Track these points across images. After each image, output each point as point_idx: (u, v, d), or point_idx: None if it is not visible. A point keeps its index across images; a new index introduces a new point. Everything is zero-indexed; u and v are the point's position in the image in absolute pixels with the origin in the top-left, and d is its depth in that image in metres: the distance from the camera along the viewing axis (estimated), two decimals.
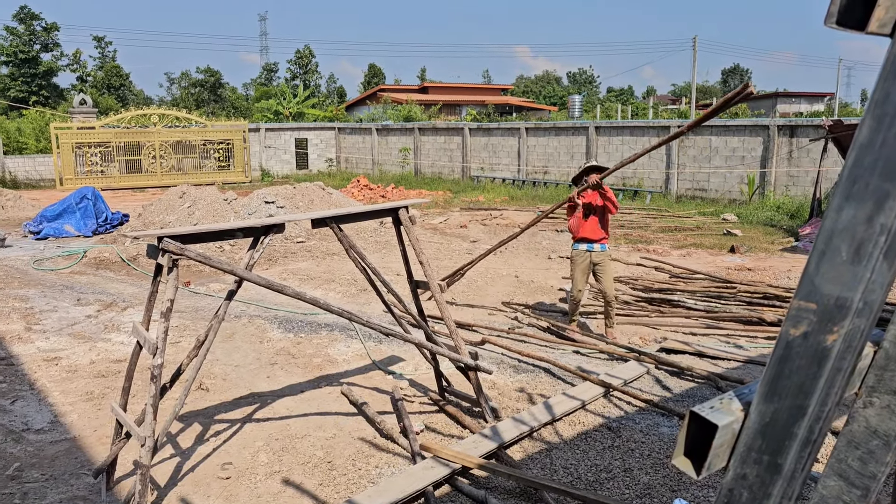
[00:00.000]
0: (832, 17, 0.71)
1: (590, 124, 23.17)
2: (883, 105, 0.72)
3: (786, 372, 0.82)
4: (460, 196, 22.21)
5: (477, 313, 8.81)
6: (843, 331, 0.78)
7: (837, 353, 0.79)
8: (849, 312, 0.78)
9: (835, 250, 0.77)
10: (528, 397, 6.04)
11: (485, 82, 79.97)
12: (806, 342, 0.80)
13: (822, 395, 0.81)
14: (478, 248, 13.09)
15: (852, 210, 0.76)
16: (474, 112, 39.76)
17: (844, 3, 0.72)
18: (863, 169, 0.74)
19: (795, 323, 0.81)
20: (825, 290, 0.79)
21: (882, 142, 0.73)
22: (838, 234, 0.77)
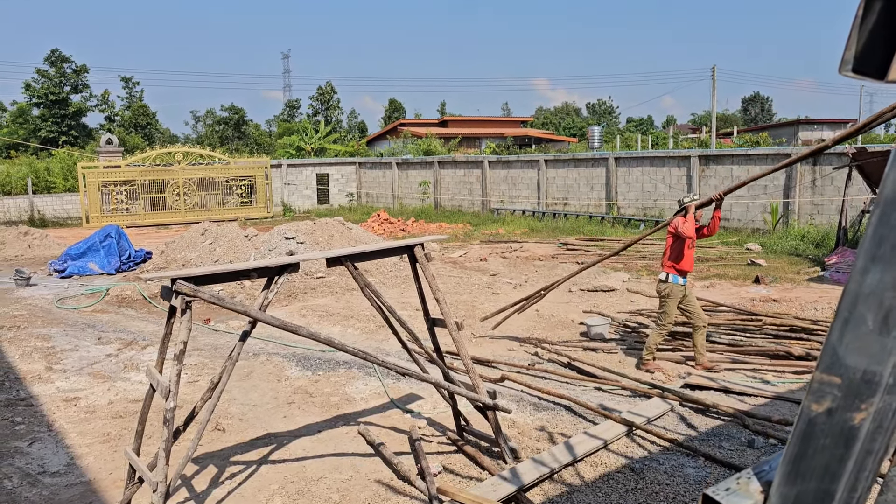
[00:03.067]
0: (847, 65, 0.64)
1: (609, 155, 23.11)
2: None
3: (809, 452, 0.74)
4: (480, 229, 22.17)
5: (497, 349, 8.68)
6: (873, 409, 0.69)
7: (867, 433, 0.70)
8: (878, 388, 0.69)
9: (860, 318, 0.69)
10: (549, 436, 5.89)
11: (504, 115, 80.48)
12: (831, 419, 0.72)
13: (852, 479, 0.72)
14: (497, 282, 12.99)
15: (878, 273, 0.68)
16: (493, 145, 39.92)
17: (861, 49, 0.64)
18: (890, 227, 0.67)
19: (818, 398, 0.72)
20: (850, 362, 0.70)
21: None
22: (864, 299, 0.69)
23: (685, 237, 7.34)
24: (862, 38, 0.64)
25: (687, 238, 7.34)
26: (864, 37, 0.64)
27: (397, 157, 31.99)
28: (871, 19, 0.63)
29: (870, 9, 0.63)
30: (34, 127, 55.57)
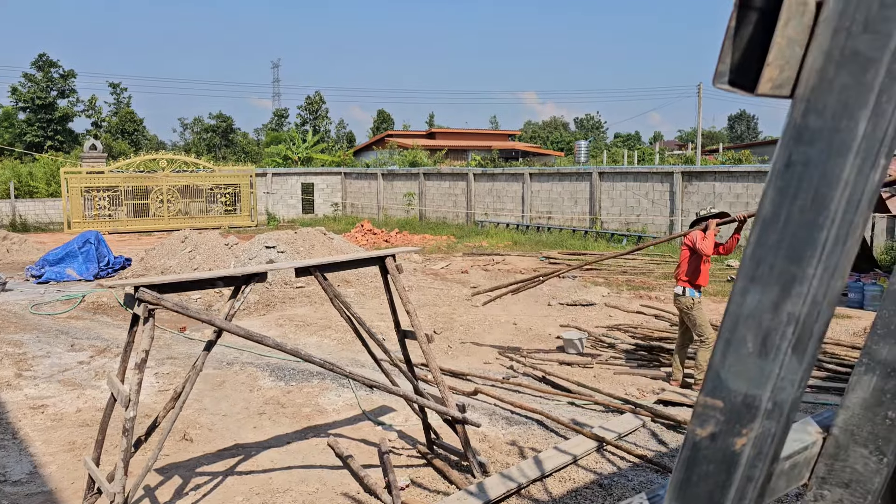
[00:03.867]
0: (722, 77, 0.63)
1: (593, 170, 23.21)
2: (784, 174, 0.62)
3: (694, 478, 0.71)
4: (464, 241, 22.16)
5: (472, 362, 8.64)
6: (753, 434, 0.67)
7: (748, 459, 0.68)
8: (758, 413, 0.67)
9: (740, 340, 0.67)
10: (520, 451, 5.85)
11: (492, 128, 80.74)
12: (714, 444, 0.69)
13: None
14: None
15: (757, 295, 0.66)
16: (479, 157, 40.01)
17: (736, 62, 0.62)
18: (767, 248, 0.65)
19: (702, 422, 0.70)
20: (732, 385, 0.68)
21: (786, 217, 0.63)
22: (744, 321, 0.67)
23: (703, 254, 7.16)
24: (737, 51, 0.62)
25: (704, 255, 7.17)
26: (738, 50, 0.62)
27: (383, 168, 31.98)
28: (745, 33, 0.61)
29: (742, 22, 0.61)
30: (20, 131, 55.12)
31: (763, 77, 0.59)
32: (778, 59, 0.59)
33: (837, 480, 1.06)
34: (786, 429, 0.70)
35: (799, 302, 0.64)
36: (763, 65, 0.61)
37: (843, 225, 0.62)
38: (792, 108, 0.62)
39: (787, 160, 0.62)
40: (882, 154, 0.60)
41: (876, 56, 0.58)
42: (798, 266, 0.63)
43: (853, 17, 0.58)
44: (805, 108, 0.61)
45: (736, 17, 0.60)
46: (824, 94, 0.60)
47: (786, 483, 1.05)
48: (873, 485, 1.04)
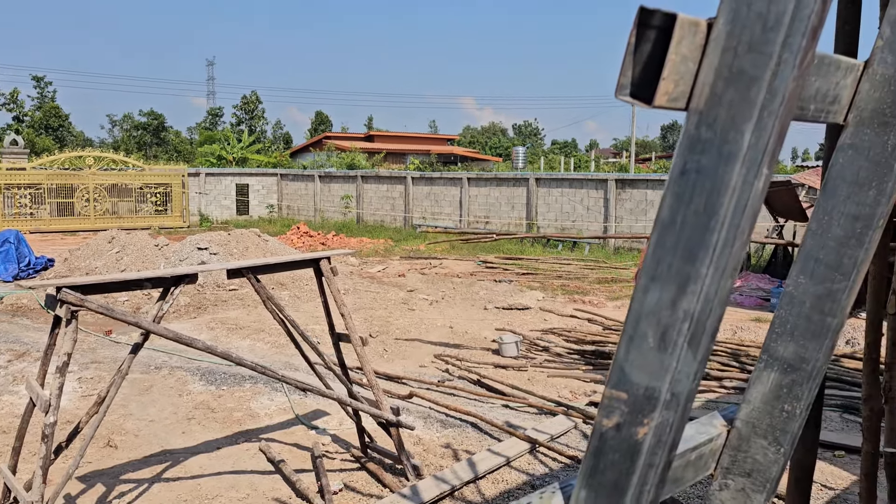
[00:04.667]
0: (624, 90, 0.67)
1: (530, 175, 23.56)
2: (680, 181, 0.67)
3: (601, 466, 0.75)
4: (401, 244, 22.15)
5: (408, 365, 8.65)
6: (654, 423, 0.72)
7: (649, 447, 0.72)
8: (658, 404, 0.72)
9: (642, 336, 0.71)
10: (454, 453, 5.90)
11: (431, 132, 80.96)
12: (619, 434, 0.74)
13: (636, 493, 0.74)
14: (414, 298, 12.97)
15: (657, 293, 0.70)
16: (417, 161, 40.07)
17: (638, 76, 0.67)
18: (666, 249, 0.69)
19: (608, 413, 0.74)
20: (635, 378, 0.72)
21: (682, 220, 0.68)
22: (645, 317, 0.71)
23: None
24: (637, 66, 0.66)
25: None
26: (638, 65, 0.66)
27: (320, 170, 31.67)
28: (644, 49, 0.66)
29: (641, 39, 0.65)
30: None
31: (659, 90, 0.64)
32: (672, 75, 0.64)
33: (740, 470, 1.13)
34: (683, 418, 0.75)
35: (694, 299, 0.69)
36: (657, 79, 0.65)
37: (731, 228, 0.67)
38: (687, 120, 0.67)
39: (683, 168, 0.67)
40: (764, 164, 0.65)
41: (759, 74, 0.63)
42: (692, 266, 0.68)
43: (739, 39, 0.63)
44: (698, 120, 0.66)
45: (636, 34, 0.65)
46: (714, 107, 0.65)
47: (693, 473, 1.11)
48: (772, 473, 1.12)
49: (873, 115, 0.94)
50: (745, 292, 14.36)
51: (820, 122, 0.92)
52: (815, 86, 0.86)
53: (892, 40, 0.92)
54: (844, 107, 0.94)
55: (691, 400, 0.74)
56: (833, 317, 1.01)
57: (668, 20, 0.63)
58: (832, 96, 0.90)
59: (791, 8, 0.61)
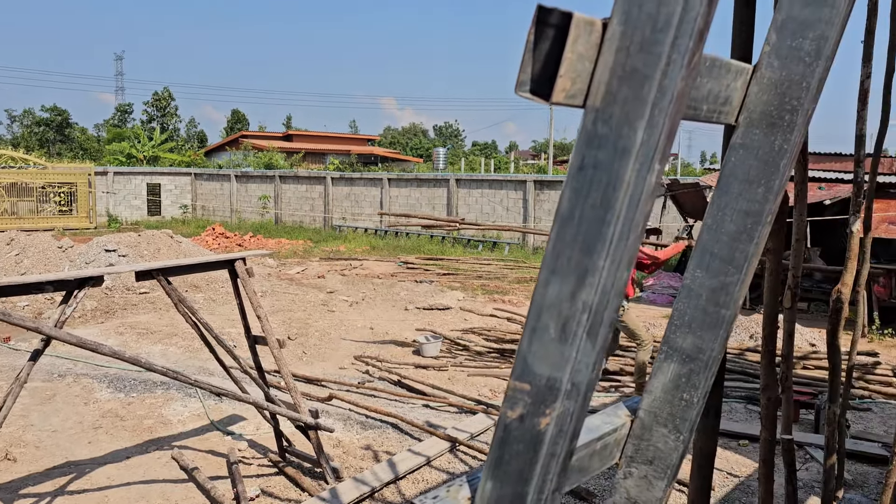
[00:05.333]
0: (524, 86, 0.68)
1: (451, 176, 23.72)
2: (578, 176, 0.69)
3: (506, 457, 0.77)
4: (321, 245, 21.87)
5: (328, 367, 8.55)
6: (555, 413, 0.73)
7: (551, 437, 0.74)
8: (559, 394, 0.73)
9: (544, 328, 0.73)
10: (374, 455, 5.87)
11: (351, 132, 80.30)
12: (522, 425, 0.75)
13: (540, 481, 0.76)
14: (333, 299, 12.84)
15: (558, 285, 0.72)
16: (337, 161, 39.67)
17: (537, 73, 0.68)
18: (565, 243, 0.71)
19: (512, 404, 0.75)
20: (537, 369, 0.74)
21: (580, 214, 0.69)
22: (546, 309, 0.73)
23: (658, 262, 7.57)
24: (536, 63, 0.68)
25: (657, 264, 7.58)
26: (538, 62, 0.68)
27: (237, 170, 30.90)
28: (543, 47, 0.67)
29: (540, 37, 0.67)
30: None
31: (556, 87, 0.65)
32: (569, 72, 0.66)
33: (643, 458, 1.17)
34: (583, 408, 0.77)
35: (592, 291, 0.71)
36: (555, 76, 0.67)
37: (626, 221, 0.69)
38: (584, 117, 0.69)
39: (581, 163, 0.69)
40: (656, 159, 0.68)
41: (650, 73, 0.66)
42: (590, 258, 0.70)
43: (632, 39, 0.66)
44: (594, 116, 0.68)
45: (534, 32, 0.66)
46: (610, 105, 0.67)
47: (599, 463, 1.14)
48: (672, 460, 1.16)
49: (762, 117, 0.99)
50: (658, 290, 14.90)
51: (713, 122, 0.97)
52: (707, 87, 0.90)
53: (777, 46, 0.97)
54: (735, 108, 0.99)
55: (591, 390, 0.77)
56: (727, 308, 1.05)
57: (564, 19, 0.65)
58: (724, 98, 0.95)
59: (679, 10, 0.64)
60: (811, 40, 0.94)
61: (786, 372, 3.12)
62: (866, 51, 3.56)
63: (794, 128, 0.97)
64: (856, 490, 5.31)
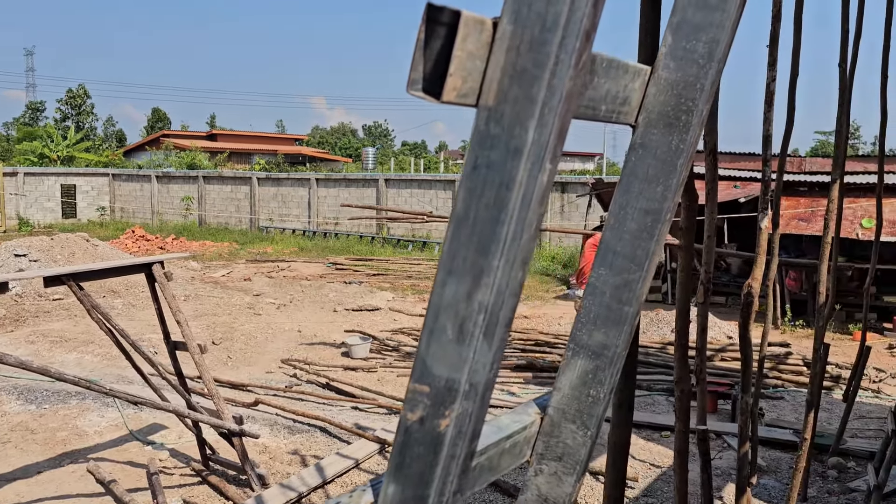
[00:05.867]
0: (416, 85, 0.67)
1: (380, 176, 23.62)
2: (472, 176, 0.68)
3: (407, 460, 0.76)
4: (247, 247, 21.40)
5: (254, 371, 8.37)
6: (454, 415, 0.73)
7: (451, 439, 0.74)
8: (458, 395, 0.73)
9: (441, 329, 0.72)
10: (302, 459, 5.78)
11: (279, 132, 78.92)
12: (423, 428, 0.74)
13: (440, 484, 0.76)
14: (260, 302, 12.58)
15: (454, 286, 0.71)
16: (263, 161, 38.91)
17: (430, 72, 0.67)
18: (461, 243, 0.70)
19: (412, 407, 0.75)
20: (436, 371, 0.73)
21: (475, 214, 0.69)
22: (444, 311, 0.72)
23: None
24: (428, 62, 0.67)
25: None
26: (430, 60, 0.67)
27: (158, 170, 29.92)
28: (435, 45, 0.66)
29: (431, 35, 0.66)
30: None
31: (447, 86, 0.65)
32: (460, 71, 0.65)
33: (553, 455, 1.18)
34: (482, 408, 0.77)
35: (488, 291, 0.71)
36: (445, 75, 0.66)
37: (519, 221, 0.69)
38: (477, 117, 0.69)
39: (474, 163, 0.69)
40: (547, 159, 0.68)
41: (539, 73, 0.66)
42: (485, 258, 0.70)
43: (521, 38, 0.66)
44: (487, 116, 0.68)
45: (424, 30, 0.65)
46: (501, 104, 0.67)
47: (509, 461, 1.15)
48: (581, 455, 1.18)
49: (659, 117, 1.01)
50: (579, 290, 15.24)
51: (612, 122, 0.98)
52: (606, 87, 0.92)
53: (673, 48, 1.00)
54: (634, 108, 1.01)
55: (489, 390, 0.77)
56: (629, 305, 1.08)
57: (454, 17, 0.64)
58: (622, 98, 0.97)
59: (566, 10, 0.65)
60: (704, 43, 0.97)
61: (700, 364, 3.23)
62: (771, 56, 3.73)
63: (689, 128, 1.00)
64: (770, 475, 5.56)
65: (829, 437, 6.01)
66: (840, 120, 4.79)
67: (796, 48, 4.29)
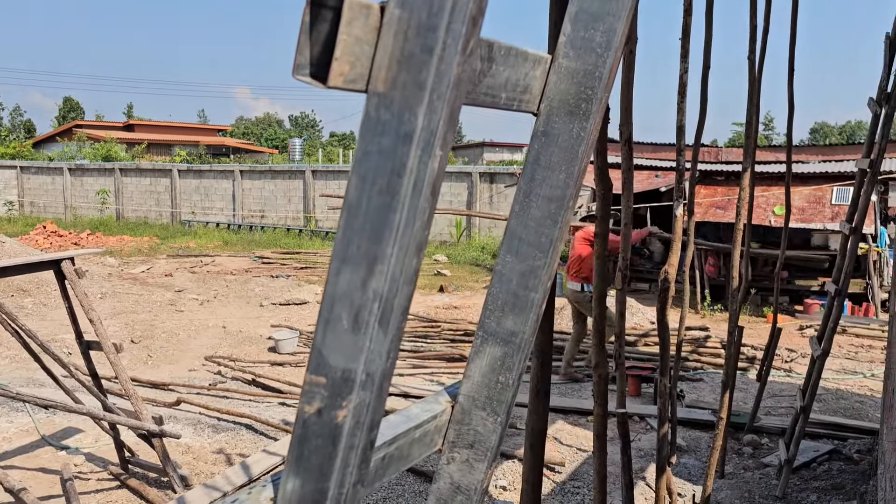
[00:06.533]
0: (302, 70, 0.66)
1: (307, 168, 23.27)
2: (363, 162, 0.67)
3: (306, 453, 0.75)
4: (168, 242, 20.74)
5: (176, 370, 8.13)
6: (352, 405, 0.72)
7: (349, 429, 0.73)
8: (354, 385, 0.72)
9: (337, 318, 0.71)
10: (227, 458, 5.65)
11: (200, 122, 76.66)
12: (320, 420, 0.73)
13: (340, 475, 0.75)
14: (182, 298, 12.22)
15: (349, 275, 0.70)
16: (184, 153, 37.73)
17: (317, 56, 0.66)
18: (354, 231, 0.69)
19: (309, 399, 0.73)
20: (332, 361, 0.72)
21: (367, 202, 0.68)
22: (339, 300, 0.71)
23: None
24: (315, 46, 0.65)
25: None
26: (317, 44, 0.65)
27: (71, 163, 28.59)
28: (321, 28, 0.65)
29: (316, 18, 0.64)
30: None
31: (333, 71, 0.63)
32: (346, 56, 0.64)
33: (464, 443, 1.19)
34: (380, 398, 0.76)
35: (382, 279, 0.70)
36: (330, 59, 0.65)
37: (411, 208, 0.69)
38: (367, 102, 0.67)
39: (365, 150, 0.68)
40: (437, 145, 0.68)
41: (427, 59, 0.65)
42: (379, 246, 0.69)
43: (409, 23, 0.65)
44: (377, 102, 0.67)
45: (309, 13, 0.64)
46: (391, 90, 0.66)
47: (420, 450, 1.15)
48: (492, 442, 1.18)
49: (561, 105, 1.02)
50: None
51: (514, 110, 0.99)
52: (505, 75, 0.92)
53: (572, 37, 1.01)
54: (536, 97, 1.02)
55: (387, 379, 0.76)
56: (535, 292, 1.09)
57: (339, 0, 0.63)
58: (523, 86, 0.97)
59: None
60: (602, 32, 0.98)
61: (619, 349, 3.32)
62: (683, 48, 3.85)
63: (590, 115, 1.01)
64: (690, 455, 5.78)
65: (745, 415, 6.29)
66: (750, 111, 5.00)
67: (708, 41, 4.44)
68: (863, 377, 8.01)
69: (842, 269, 4.82)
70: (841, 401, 7.15)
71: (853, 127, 65.49)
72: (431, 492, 1.22)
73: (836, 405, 7.00)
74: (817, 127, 70.95)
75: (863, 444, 5.70)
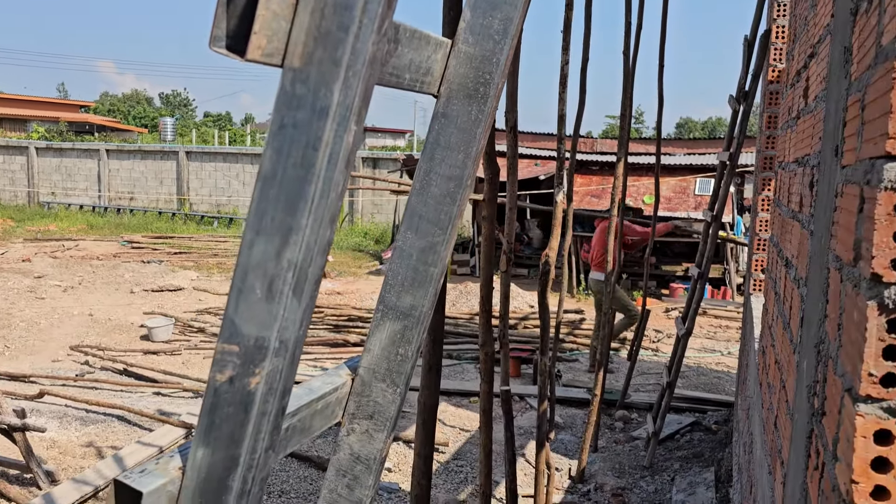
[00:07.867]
0: (219, 42, 0.67)
1: (180, 149, 22.24)
2: (278, 135, 0.69)
3: (217, 421, 0.76)
4: (25, 225, 19.24)
5: (38, 361, 7.61)
6: (265, 372, 0.74)
7: (261, 396, 0.75)
8: (268, 353, 0.74)
9: (250, 288, 0.73)
10: (98, 452, 5.38)
11: (60, 97, 71.29)
12: (232, 387, 0.74)
13: (252, 442, 0.77)
14: (43, 285, 11.41)
15: (262, 245, 0.72)
16: (42, 129, 35.01)
17: (234, 29, 0.67)
18: (269, 202, 0.71)
19: (221, 368, 0.75)
20: (245, 330, 0.74)
21: (283, 174, 0.70)
22: (252, 270, 0.73)
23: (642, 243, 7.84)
24: (232, 19, 0.66)
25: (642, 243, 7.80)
26: (234, 17, 0.66)
27: None
28: (239, 1, 0.66)
29: None
30: None
31: (251, 45, 0.65)
32: (264, 30, 0.66)
33: (364, 414, 1.22)
34: (292, 364, 0.78)
35: (296, 249, 0.72)
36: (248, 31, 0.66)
37: (326, 180, 0.71)
38: (283, 76, 0.69)
39: (281, 123, 0.69)
40: (352, 120, 0.71)
41: (343, 36, 0.68)
42: (293, 217, 0.71)
43: (326, 1, 0.67)
44: (293, 77, 0.69)
45: None
46: (307, 65, 0.68)
47: (321, 422, 1.17)
48: (391, 412, 1.23)
49: (460, 88, 1.07)
50: None
51: (416, 91, 1.03)
52: (409, 57, 0.96)
53: (472, 23, 1.06)
54: (437, 79, 1.06)
55: (299, 346, 0.78)
56: (434, 266, 1.14)
57: None
58: (425, 69, 1.01)
59: None
60: (499, 20, 1.04)
61: (503, 330, 3.46)
62: (565, 41, 4.02)
63: (487, 99, 1.07)
64: (567, 431, 6.08)
65: (617, 392, 6.68)
66: (624, 104, 5.29)
67: (587, 36, 4.65)
68: (720, 355, 8.70)
69: (704, 254, 5.21)
70: (701, 377, 7.74)
71: (714, 123, 70.15)
72: (331, 463, 1.25)
73: (697, 381, 7.56)
74: (682, 122, 75.45)
75: (720, 415, 6.21)
